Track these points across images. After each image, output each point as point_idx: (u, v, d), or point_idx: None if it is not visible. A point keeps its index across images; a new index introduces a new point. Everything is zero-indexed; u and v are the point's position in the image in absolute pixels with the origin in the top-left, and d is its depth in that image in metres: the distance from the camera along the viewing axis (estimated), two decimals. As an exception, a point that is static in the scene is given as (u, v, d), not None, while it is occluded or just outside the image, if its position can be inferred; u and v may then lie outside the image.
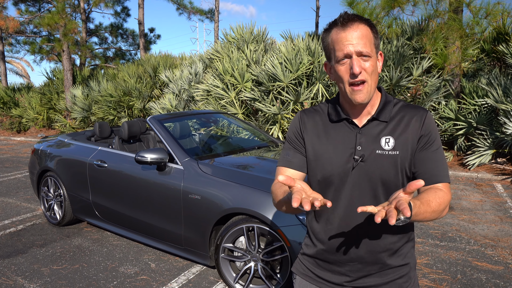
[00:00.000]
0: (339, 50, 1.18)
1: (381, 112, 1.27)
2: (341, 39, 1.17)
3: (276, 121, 7.21)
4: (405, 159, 1.24)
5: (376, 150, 1.24)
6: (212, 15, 19.72)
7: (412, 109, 1.28)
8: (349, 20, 1.17)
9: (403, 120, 1.26)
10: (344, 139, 1.28)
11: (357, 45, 1.16)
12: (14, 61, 31.55)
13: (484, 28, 8.07)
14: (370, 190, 1.25)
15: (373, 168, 1.23)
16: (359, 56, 1.17)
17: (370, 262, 1.29)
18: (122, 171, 3.64)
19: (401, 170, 1.24)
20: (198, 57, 10.11)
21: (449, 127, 7.21)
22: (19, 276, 3.28)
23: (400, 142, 1.24)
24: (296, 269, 1.45)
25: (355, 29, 1.17)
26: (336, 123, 1.31)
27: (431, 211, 1.14)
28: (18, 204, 5.36)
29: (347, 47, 1.16)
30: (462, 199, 5.14)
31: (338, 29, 1.19)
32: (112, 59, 19.97)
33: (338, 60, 1.20)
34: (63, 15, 11.95)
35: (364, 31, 1.18)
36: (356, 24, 1.17)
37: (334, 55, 1.21)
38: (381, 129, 1.26)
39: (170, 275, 3.23)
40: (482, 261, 3.34)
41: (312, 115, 1.37)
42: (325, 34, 1.24)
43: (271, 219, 2.65)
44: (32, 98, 14.51)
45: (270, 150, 3.78)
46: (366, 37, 1.18)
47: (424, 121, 1.25)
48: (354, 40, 1.16)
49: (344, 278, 1.33)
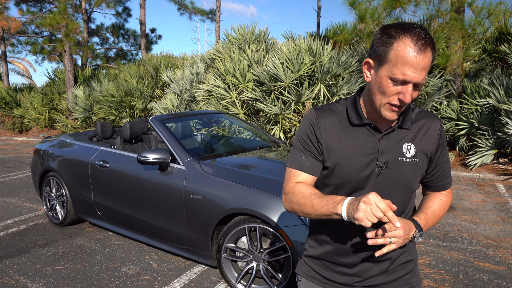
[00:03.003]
0: (400, 71, 1.09)
1: (404, 120, 1.25)
2: (409, 63, 1.08)
3: (278, 121, 7.21)
4: (423, 166, 1.28)
5: (399, 157, 1.24)
6: (213, 15, 19.73)
7: (427, 115, 1.30)
8: (425, 44, 1.08)
9: (422, 128, 1.27)
10: (365, 144, 1.24)
11: (419, 77, 1.09)
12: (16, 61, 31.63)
13: (486, 28, 8.06)
14: (388, 195, 1.25)
15: (395, 175, 1.24)
16: (414, 86, 1.12)
17: (381, 261, 1.30)
18: (124, 171, 3.65)
19: (420, 176, 1.29)
20: (200, 57, 10.12)
21: (451, 127, 7.20)
22: (22, 275, 3.28)
23: (420, 150, 1.26)
24: (301, 270, 1.43)
25: (426, 58, 1.09)
26: (357, 127, 1.26)
27: (437, 219, 1.32)
28: (20, 204, 5.37)
29: (409, 74, 1.08)
30: (464, 200, 5.13)
31: (411, 47, 1.08)
32: (113, 59, 20.00)
33: (393, 78, 1.11)
34: (65, 16, 11.96)
35: (429, 60, 1.10)
36: (428, 51, 1.09)
37: (391, 70, 1.10)
38: (403, 136, 1.25)
39: (172, 275, 3.23)
40: (484, 262, 3.33)
41: (328, 115, 1.28)
42: (390, 40, 1.10)
43: (273, 219, 2.65)
44: (34, 98, 14.54)
45: (271, 150, 3.79)
46: (428, 67, 1.11)
47: (440, 131, 1.29)
48: (419, 71, 1.09)
49: (354, 278, 1.32)
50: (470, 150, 7.19)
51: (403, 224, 1.15)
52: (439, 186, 1.34)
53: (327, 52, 7.29)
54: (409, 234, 1.17)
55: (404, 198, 1.28)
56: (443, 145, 1.30)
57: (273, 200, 2.69)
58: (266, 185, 2.81)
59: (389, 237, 1.12)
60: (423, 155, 1.26)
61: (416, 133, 1.26)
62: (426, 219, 1.27)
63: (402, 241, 1.14)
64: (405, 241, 1.17)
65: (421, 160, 1.26)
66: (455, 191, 5.56)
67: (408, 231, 1.17)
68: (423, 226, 1.24)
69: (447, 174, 1.34)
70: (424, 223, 1.25)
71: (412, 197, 1.32)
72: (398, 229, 1.12)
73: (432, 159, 1.29)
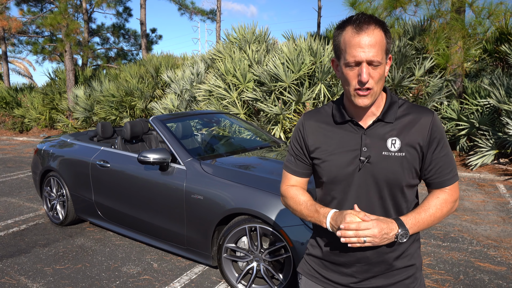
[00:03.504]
0: (350, 54, 1.15)
1: (386, 113, 1.26)
2: (354, 44, 1.14)
3: (278, 121, 7.21)
4: (413, 160, 1.24)
5: (382, 152, 1.24)
6: (213, 15, 19.73)
7: (419, 110, 1.27)
8: (365, 23, 1.14)
9: (410, 121, 1.25)
10: (349, 140, 1.27)
11: (369, 53, 1.13)
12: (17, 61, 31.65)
13: (487, 28, 8.06)
14: (376, 191, 1.26)
15: (379, 169, 1.23)
16: (369, 64, 1.15)
17: (377, 263, 1.29)
18: (124, 171, 3.65)
19: (410, 171, 1.25)
20: (200, 57, 10.12)
21: (451, 127, 7.20)
22: (22, 275, 3.29)
23: (406, 144, 1.24)
24: (302, 269, 1.45)
25: (370, 34, 1.13)
26: (341, 124, 1.30)
27: (435, 218, 1.26)
28: (21, 204, 5.37)
29: (358, 54, 1.14)
30: (465, 200, 5.13)
31: (353, 31, 1.15)
32: (114, 59, 20.01)
33: (347, 63, 1.17)
34: (65, 16, 11.97)
35: (379, 37, 1.15)
36: (371, 29, 1.14)
37: (344, 57, 1.18)
38: (387, 130, 1.25)
39: (172, 275, 3.23)
40: (485, 262, 3.33)
41: (314, 117, 1.36)
42: (338, 32, 1.20)
43: (273, 219, 2.65)
44: (34, 98, 14.55)
45: (272, 150, 3.79)
46: (379, 44, 1.15)
47: (433, 124, 1.24)
48: (367, 48, 1.13)
49: (351, 279, 1.33)
50: (470, 150, 7.18)
51: (378, 223, 1.15)
52: (438, 182, 1.28)
53: (327, 52, 7.29)
54: (388, 233, 1.16)
55: (394, 194, 1.26)
56: (437, 139, 1.24)
57: (274, 200, 2.69)
58: (266, 185, 2.81)
59: (361, 236, 1.13)
60: (410, 149, 1.23)
61: (402, 128, 1.25)
62: (417, 219, 1.22)
63: (379, 240, 1.15)
64: (384, 241, 1.16)
65: (409, 154, 1.23)
66: (456, 191, 5.56)
67: (387, 230, 1.16)
68: (410, 226, 1.20)
69: (446, 170, 1.27)
70: (413, 222, 1.21)
71: (408, 194, 1.28)
72: (371, 228, 1.13)
73: (424, 154, 1.25)
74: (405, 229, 1.19)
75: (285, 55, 7.29)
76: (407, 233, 1.19)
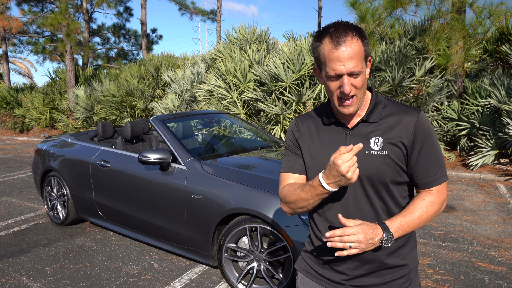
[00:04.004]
0: (330, 68, 1.18)
1: (370, 114, 1.29)
2: (333, 58, 1.16)
3: (278, 121, 7.21)
4: (397, 158, 1.25)
5: (365, 151, 1.26)
6: (214, 15, 19.74)
7: (404, 109, 1.28)
8: (342, 35, 1.15)
9: (394, 120, 1.27)
10: (334, 140, 1.32)
11: (348, 65, 1.15)
12: (17, 61, 31.67)
13: (487, 29, 8.06)
14: (362, 190, 1.28)
15: (362, 168, 1.25)
16: (350, 76, 1.18)
17: (367, 261, 1.30)
18: (125, 171, 3.65)
19: (394, 168, 1.25)
20: (201, 58, 10.12)
21: (452, 127, 7.20)
22: (23, 275, 3.29)
23: (390, 142, 1.25)
24: (299, 265, 1.48)
25: (347, 46, 1.15)
26: (328, 125, 1.35)
27: (421, 221, 1.24)
28: (21, 203, 5.38)
29: (338, 68, 1.16)
30: (465, 200, 5.13)
31: (330, 45, 1.16)
32: (114, 59, 20.03)
33: (328, 76, 1.20)
34: (66, 16, 11.98)
35: (357, 47, 1.16)
36: (348, 40, 1.15)
37: (325, 70, 1.20)
38: (370, 129, 1.28)
39: (173, 275, 3.24)
40: (485, 262, 3.33)
41: (306, 120, 1.41)
42: (316, 43, 1.21)
43: (274, 219, 2.65)
44: (35, 98, 14.56)
45: (272, 150, 3.79)
46: (357, 54, 1.16)
47: (417, 123, 1.24)
48: (346, 61, 1.15)
49: (342, 276, 1.34)
50: (471, 150, 7.18)
51: (363, 228, 1.15)
52: (424, 183, 1.27)
53: (328, 52, 7.28)
54: (373, 238, 1.17)
55: (379, 191, 1.27)
56: (422, 139, 1.24)
57: (274, 200, 2.69)
58: (267, 185, 2.82)
59: (347, 242, 1.14)
60: (393, 147, 1.24)
61: (386, 126, 1.27)
62: (401, 222, 1.22)
63: (364, 246, 1.16)
64: (369, 246, 1.17)
65: (391, 152, 1.24)
66: (456, 191, 5.56)
67: (372, 235, 1.16)
68: (395, 230, 1.20)
69: (432, 170, 1.25)
70: (398, 226, 1.21)
71: (395, 192, 1.28)
72: (356, 233, 1.14)
73: (409, 153, 1.25)
74: (390, 234, 1.19)
75: (286, 55, 7.29)
76: (392, 237, 1.20)
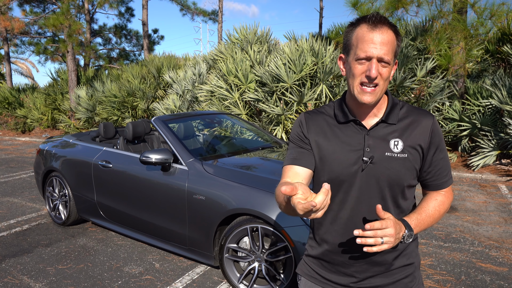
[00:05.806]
0: (361, 49, 1.17)
1: (389, 115, 1.28)
2: (367, 40, 1.17)
3: (280, 122, 7.21)
4: (414, 161, 1.26)
5: (386, 152, 1.25)
6: (215, 16, 19.76)
7: (420, 112, 1.29)
8: (380, 22, 1.17)
9: (412, 123, 1.27)
10: (352, 140, 1.28)
11: (380, 50, 1.16)
12: (19, 61, 31.74)
13: (489, 29, 8.05)
14: (378, 191, 1.27)
15: (382, 170, 1.25)
16: (379, 62, 1.18)
17: (376, 263, 1.30)
18: (126, 172, 3.66)
19: (411, 172, 1.27)
20: (202, 58, 10.13)
21: (453, 128, 7.19)
22: (25, 275, 3.30)
23: (409, 145, 1.25)
24: (301, 270, 1.45)
25: (383, 33, 1.16)
26: (344, 124, 1.31)
27: (433, 219, 1.29)
28: (23, 204, 5.39)
29: (370, 50, 1.16)
30: (466, 200, 5.12)
31: (367, 27, 1.18)
32: (116, 60, 20.07)
33: (357, 58, 1.19)
34: (68, 16, 12.00)
35: (391, 37, 1.18)
36: (385, 28, 1.17)
37: (355, 52, 1.19)
38: (389, 131, 1.27)
39: (174, 275, 3.24)
40: (486, 263, 3.33)
41: (315, 116, 1.36)
42: (351, 28, 1.22)
43: (275, 220, 2.65)
44: (36, 98, 14.60)
45: (273, 151, 3.79)
46: (390, 44, 1.18)
47: (433, 128, 1.27)
48: (379, 45, 1.16)
49: (350, 279, 1.33)
50: (472, 151, 7.17)
51: (394, 224, 1.14)
52: (436, 185, 1.32)
53: (329, 52, 7.29)
54: (399, 234, 1.17)
55: (395, 194, 1.27)
56: (437, 142, 1.27)
57: (275, 201, 2.69)
58: (268, 186, 2.82)
59: (380, 236, 1.11)
60: (412, 150, 1.25)
61: (404, 129, 1.27)
62: (418, 220, 1.25)
63: (393, 240, 1.14)
64: (396, 241, 1.17)
65: (411, 155, 1.25)
66: (457, 192, 5.55)
67: (399, 230, 1.17)
68: (414, 227, 1.23)
69: (443, 172, 1.31)
70: (415, 223, 1.24)
71: (407, 194, 1.30)
72: (389, 227, 1.11)
73: (425, 156, 1.27)
74: (411, 230, 1.21)
75: (287, 55, 7.30)
76: (413, 233, 1.21)
